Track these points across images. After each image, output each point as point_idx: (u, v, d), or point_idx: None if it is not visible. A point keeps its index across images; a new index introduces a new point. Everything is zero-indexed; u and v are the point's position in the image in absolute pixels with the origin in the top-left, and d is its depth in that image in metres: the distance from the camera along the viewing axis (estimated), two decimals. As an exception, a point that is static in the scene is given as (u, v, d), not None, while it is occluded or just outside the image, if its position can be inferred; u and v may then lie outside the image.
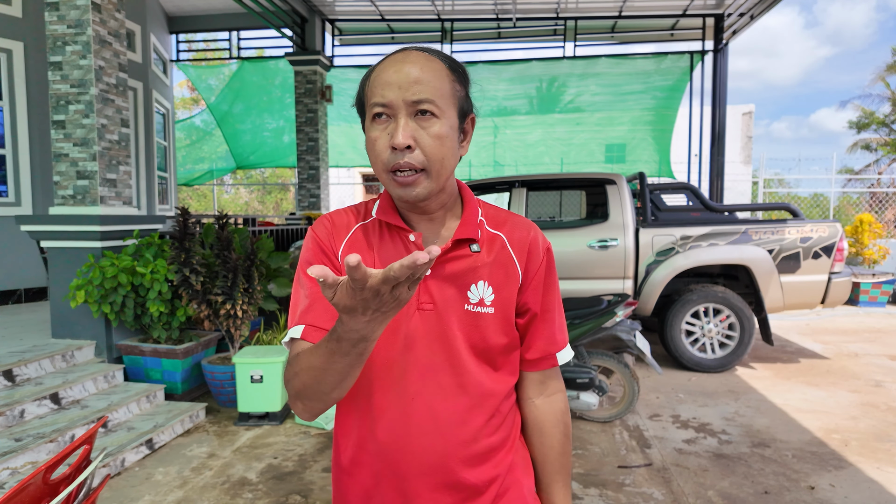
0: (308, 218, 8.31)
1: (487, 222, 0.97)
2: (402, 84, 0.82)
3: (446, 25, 9.10)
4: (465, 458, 0.89)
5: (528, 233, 0.97)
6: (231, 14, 9.19)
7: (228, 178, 20.02)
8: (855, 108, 19.15)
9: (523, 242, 0.96)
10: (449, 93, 0.86)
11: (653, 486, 2.81)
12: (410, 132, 0.83)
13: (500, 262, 0.93)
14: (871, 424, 3.60)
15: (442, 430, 0.88)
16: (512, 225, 0.97)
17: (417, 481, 0.88)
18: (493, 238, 0.95)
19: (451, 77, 0.87)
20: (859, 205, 13.20)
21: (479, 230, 0.94)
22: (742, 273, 4.90)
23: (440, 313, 0.89)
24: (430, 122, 0.83)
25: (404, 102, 0.82)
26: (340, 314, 0.66)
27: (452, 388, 0.89)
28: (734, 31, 8.50)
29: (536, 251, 0.96)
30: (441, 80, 0.85)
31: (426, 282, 0.91)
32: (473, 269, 0.91)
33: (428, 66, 0.84)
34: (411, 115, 0.83)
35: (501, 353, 0.93)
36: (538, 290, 0.96)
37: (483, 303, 0.91)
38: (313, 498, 2.71)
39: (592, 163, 9.88)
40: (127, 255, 3.91)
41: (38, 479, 1.21)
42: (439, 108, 0.84)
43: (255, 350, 3.79)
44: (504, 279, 0.93)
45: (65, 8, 3.88)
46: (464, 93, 0.89)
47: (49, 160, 5.67)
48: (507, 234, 0.96)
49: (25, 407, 3.08)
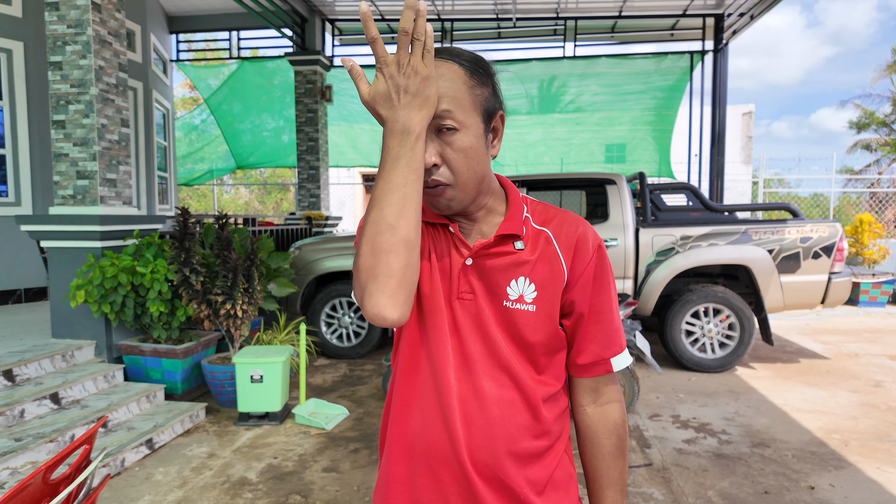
0: (308, 218, 8.31)
1: (534, 218, 0.94)
2: None
3: (446, 25, 9.10)
4: (506, 455, 0.86)
5: (577, 228, 0.92)
6: (231, 14, 9.19)
7: (228, 178, 20.01)
8: (855, 108, 19.15)
9: (570, 238, 0.92)
10: (469, 100, 0.83)
11: (653, 486, 2.81)
12: (435, 150, 0.82)
13: (545, 258, 0.91)
14: (871, 424, 3.60)
15: (485, 421, 0.86)
16: (560, 221, 0.94)
17: (457, 469, 0.87)
18: (539, 234, 0.92)
19: (469, 82, 0.83)
20: (859, 205, 13.20)
21: (525, 227, 0.92)
22: (742, 273, 4.91)
23: (479, 305, 0.89)
24: (453, 136, 0.82)
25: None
26: (379, 111, 0.77)
27: (492, 380, 0.88)
28: (734, 31, 8.50)
29: (585, 248, 0.91)
30: (459, 90, 0.82)
31: (466, 272, 0.90)
32: (515, 266, 0.90)
33: (444, 75, 0.81)
34: (434, 131, 0.82)
35: (544, 354, 0.90)
36: (586, 289, 0.91)
37: (523, 300, 0.89)
38: (313, 498, 2.71)
39: (592, 163, 9.88)
40: (127, 255, 3.91)
41: (38, 478, 1.21)
42: (460, 121, 0.81)
43: (255, 350, 3.79)
44: (549, 277, 0.90)
45: (65, 8, 3.88)
46: (487, 92, 0.86)
47: (49, 160, 5.68)
48: (554, 231, 0.92)
49: (25, 407, 3.08)
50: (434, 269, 0.94)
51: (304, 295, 5.34)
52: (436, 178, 0.83)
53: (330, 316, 5.29)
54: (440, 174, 0.83)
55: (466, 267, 0.90)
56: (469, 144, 0.83)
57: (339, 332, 5.30)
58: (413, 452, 0.90)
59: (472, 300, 0.90)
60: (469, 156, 0.83)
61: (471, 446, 0.86)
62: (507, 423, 0.87)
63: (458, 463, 0.86)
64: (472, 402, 0.87)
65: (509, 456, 0.86)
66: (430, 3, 8.49)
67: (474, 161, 0.84)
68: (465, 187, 0.85)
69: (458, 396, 0.87)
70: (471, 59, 0.86)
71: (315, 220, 8.39)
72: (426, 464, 0.89)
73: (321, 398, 4.08)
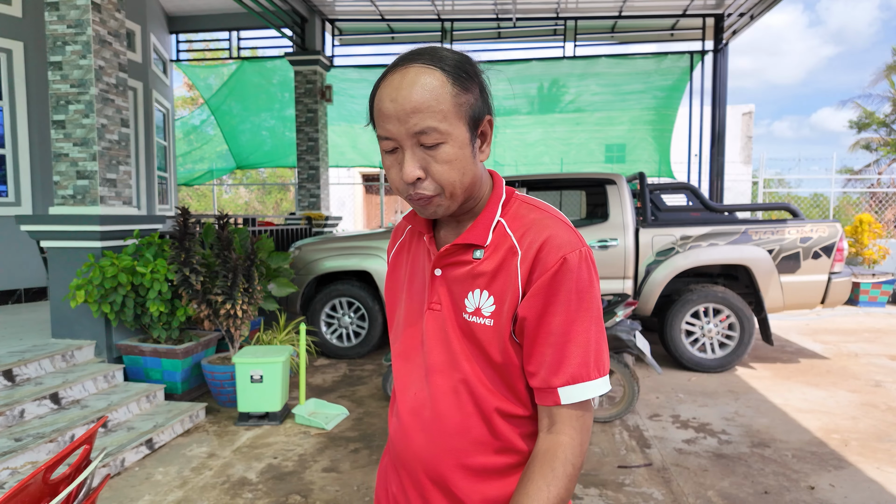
0: (308, 218, 8.31)
1: (510, 224, 0.87)
2: (400, 116, 0.77)
3: (446, 25, 9.09)
4: (456, 467, 0.87)
5: (542, 234, 0.83)
6: (231, 14, 9.19)
7: (228, 178, 20.01)
8: (856, 108, 19.14)
9: (531, 246, 0.83)
10: (453, 110, 0.78)
11: (653, 486, 2.81)
12: (418, 164, 0.79)
13: (505, 269, 0.84)
14: (871, 424, 3.60)
15: (437, 430, 0.88)
16: (531, 228, 0.85)
17: (413, 471, 0.92)
18: (504, 242, 0.86)
19: (453, 90, 0.78)
20: (859, 205, 13.20)
21: (492, 234, 0.87)
22: (742, 273, 4.91)
23: (444, 316, 0.89)
24: (437, 150, 0.79)
25: (406, 135, 0.78)
26: None
27: (451, 392, 0.87)
28: (734, 31, 8.50)
29: (544, 256, 0.81)
30: (441, 100, 0.77)
31: (436, 282, 0.90)
32: (472, 277, 0.86)
33: (426, 84, 0.77)
34: (416, 145, 0.79)
35: (510, 372, 0.86)
36: (536, 304, 0.81)
37: (480, 313, 0.85)
38: (313, 498, 2.71)
39: (592, 163, 9.87)
40: (127, 255, 3.91)
41: (38, 478, 1.21)
42: (443, 133, 0.78)
43: (255, 350, 3.79)
44: (506, 290, 0.84)
45: (65, 8, 3.88)
46: (473, 98, 0.81)
47: (49, 160, 5.67)
48: (520, 238, 0.85)
49: (25, 407, 3.08)
50: (415, 278, 0.96)
51: (304, 295, 5.34)
52: (419, 192, 0.81)
53: (330, 316, 5.28)
54: (424, 187, 0.81)
55: (436, 277, 0.90)
56: (454, 156, 0.79)
57: (339, 332, 5.30)
58: (391, 450, 0.97)
59: (440, 311, 0.89)
60: (454, 167, 0.80)
61: (425, 455, 0.89)
62: (462, 435, 0.87)
63: (415, 468, 0.91)
64: (429, 411, 0.89)
65: (461, 468, 0.87)
66: (430, 3, 8.49)
67: (460, 171, 0.81)
68: (452, 196, 0.83)
69: (419, 405, 0.91)
70: (455, 63, 0.80)
71: (315, 220, 8.39)
72: (396, 463, 0.96)
73: (321, 398, 4.08)
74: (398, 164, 0.81)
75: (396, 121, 0.78)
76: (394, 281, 1.04)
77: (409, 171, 0.79)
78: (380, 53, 9.84)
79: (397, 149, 0.81)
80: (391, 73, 0.80)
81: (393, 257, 1.06)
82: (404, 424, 0.92)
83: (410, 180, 0.79)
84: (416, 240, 1.00)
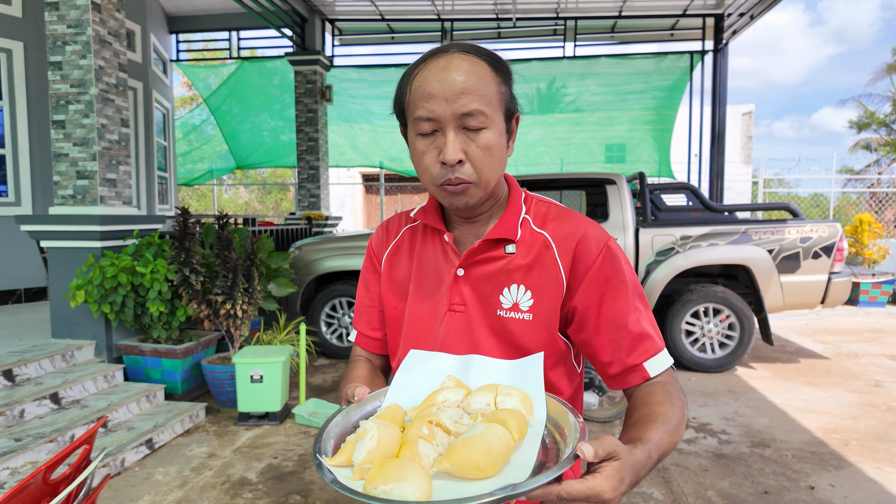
0: (308, 218, 8.31)
1: (534, 220, 0.89)
2: (447, 96, 0.77)
3: (446, 25, 9.09)
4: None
5: (578, 229, 0.85)
6: (231, 14, 9.19)
7: (228, 178, 20.02)
8: (856, 107, 19.14)
9: (569, 240, 0.84)
10: (496, 97, 0.80)
11: (653, 486, 2.81)
12: (460, 146, 0.79)
13: (542, 263, 0.85)
14: (871, 424, 3.60)
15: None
16: (559, 222, 0.87)
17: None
18: (536, 237, 0.87)
19: (496, 79, 0.81)
20: (859, 205, 13.20)
21: (521, 230, 0.87)
22: (742, 273, 4.90)
23: (470, 316, 0.87)
24: (479, 134, 0.79)
25: (452, 116, 0.77)
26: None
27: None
28: (734, 31, 8.50)
29: (586, 250, 0.83)
30: (488, 86, 0.79)
31: (458, 283, 0.88)
32: (507, 272, 0.86)
33: (473, 71, 0.78)
34: (459, 128, 0.79)
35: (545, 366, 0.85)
36: (592, 296, 0.83)
37: (518, 308, 0.85)
38: (313, 498, 2.71)
39: (592, 163, 9.88)
40: (127, 255, 3.91)
41: (38, 478, 1.21)
42: (488, 117, 0.79)
43: (255, 350, 3.79)
44: (546, 283, 0.84)
45: (65, 8, 3.88)
46: (509, 92, 0.84)
47: (49, 160, 5.67)
48: (552, 233, 0.86)
49: (25, 407, 3.07)
50: (423, 280, 0.92)
51: (304, 295, 5.34)
52: (460, 177, 0.80)
53: (330, 316, 5.28)
54: (464, 172, 0.80)
55: (458, 278, 0.88)
56: (494, 143, 0.80)
57: (339, 332, 5.30)
58: None
59: (464, 311, 0.87)
60: (493, 154, 0.81)
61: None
62: None
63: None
64: None
65: None
66: (430, 3, 8.49)
67: (496, 159, 0.82)
68: (486, 185, 0.82)
69: None
70: (495, 56, 0.83)
71: (315, 220, 8.39)
72: None
73: (321, 398, 4.08)
74: (434, 147, 0.80)
75: (444, 101, 0.77)
76: (391, 284, 0.98)
77: (452, 152, 0.78)
78: (380, 53, 9.84)
79: (436, 132, 0.80)
80: (434, 58, 0.80)
81: (388, 259, 1.00)
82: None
83: (453, 161, 0.78)
84: (420, 240, 0.96)
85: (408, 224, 1.00)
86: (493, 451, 0.58)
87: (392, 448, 0.64)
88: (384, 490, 0.55)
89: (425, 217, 0.94)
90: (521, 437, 0.63)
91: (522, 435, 0.63)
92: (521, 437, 0.63)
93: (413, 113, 0.81)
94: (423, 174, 0.83)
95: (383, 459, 0.60)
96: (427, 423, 0.66)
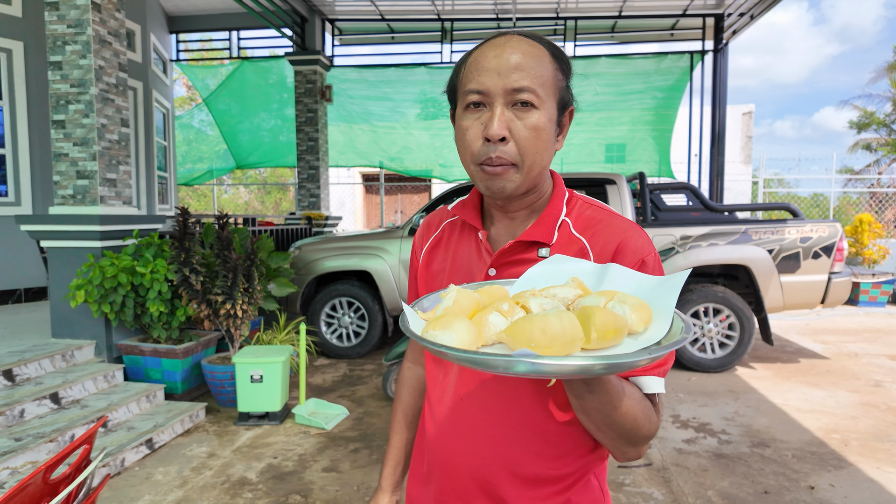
0: (308, 218, 8.31)
1: (574, 224, 0.84)
2: (501, 70, 0.76)
3: (446, 25, 9.10)
4: (508, 476, 0.83)
5: (618, 236, 0.80)
6: (231, 14, 9.19)
7: (228, 178, 20.01)
8: (856, 107, 19.14)
9: (607, 248, 0.80)
10: (551, 81, 0.78)
11: (652, 485, 2.81)
12: (506, 122, 0.76)
13: None
14: (871, 424, 3.60)
15: (484, 441, 0.84)
16: (601, 228, 0.82)
17: (456, 480, 0.87)
18: (573, 243, 0.82)
19: (553, 65, 0.79)
20: (859, 205, 13.19)
21: (558, 233, 0.83)
22: (742, 273, 4.90)
23: None
24: (528, 113, 0.76)
25: (503, 90, 0.76)
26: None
27: (501, 401, 0.83)
28: (734, 30, 8.50)
29: (625, 257, 0.78)
30: (543, 68, 0.77)
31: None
32: None
33: (530, 51, 0.77)
34: (508, 105, 0.77)
35: None
36: None
37: None
38: (313, 498, 2.71)
39: (592, 163, 9.87)
40: (127, 255, 3.91)
41: (38, 478, 1.21)
42: (539, 98, 0.76)
43: (255, 350, 3.79)
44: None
45: (65, 7, 3.88)
46: (565, 83, 0.82)
47: (49, 160, 5.67)
48: (591, 239, 0.82)
49: (25, 406, 3.07)
50: (456, 277, 0.91)
51: (304, 295, 5.34)
52: (501, 156, 0.77)
53: (330, 316, 5.28)
54: (506, 151, 0.77)
55: (490, 277, 0.85)
56: (542, 125, 0.77)
57: (338, 332, 5.30)
58: (428, 456, 0.93)
59: None
60: (540, 137, 0.77)
61: (473, 462, 0.85)
62: (509, 447, 0.83)
63: (460, 476, 0.87)
64: (478, 419, 0.85)
65: (513, 476, 0.83)
66: (430, 3, 8.49)
67: (543, 145, 0.78)
68: (529, 172, 0.79)
69: (465, 409, 0.86)
70: (556, 47, 0.82)
71: (315, 220, 8.39)
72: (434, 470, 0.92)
73: (321, 398, 4.08)
74: (480, 123, 0.78)
75: (496, 74, 0.76)
76: (427, 277, 0.97)
77: (498, 126, 0.76)
78: (380, 53, 9.83)
79: (482, 105, 0.78)
80: (492, 39, 0.80)
81: (426, 254, 0.99)
82: (444, 430, 0.88)
83: (497, 136, 0.76)
84: (457, 235, 0.94)
85: (448, 218, 0.98)
86: (549, 331, 0.55)
87: (466, 310, 0.66)
88: (432, 334, 0.59)
89: (463, 212, 0.92)
90: (604, 338, 0.58)
91: (606, 337, 0.58)
92: (606, 339, 0.59)
93: (464, 87, 0.80)
94: (465, 152, 0.81)
95: (449, 313, 0.64)
96: (512, 301, 0.65)
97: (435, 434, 0.90)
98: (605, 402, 0.67)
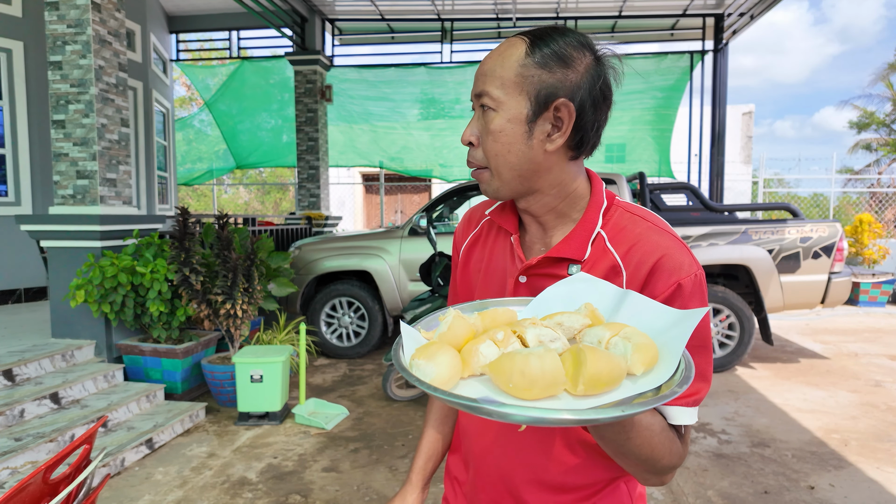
0: (308, 218, 8.31)
1: (609, 237, 0.78)
2: (476, 77, 0.79)
3: (446, 25, 9.09)
4: (531, 482, 0.85)
5: (654, 254, 0.74)
6: (231, 14, 9.19)
7: (228, 178, 20.01)
8: (857, 107, 19.13)
9: (642, 266, 0.74)
10: (513, 80, 0.74)
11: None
12: (476, 129, 0.80)
13: None
14: (871, 424, 3.60)
15: (510, 446, 0.86)
16: (637, 244, 0.76)
17: (485, 478, 0.90)
18: (605, 259, 0.77)
19: (525, 61, 0.74)
20: (859, 205, 13.20)
21: (590, 247, 0.78)
22: (742, 273, 4.90)
23: None
24: (487, 117, 0.77)
25: (473, 96, 0.80)
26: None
27: None
28: (734, 30, 8.50)
29: (655, 280, 0.73)
30: (506, 68, 0.75)
31: (519, 289, 0.84)
32: None
33: (502, 52, 0.76)
34: (479, 108, 0.79)
35: None
36: None
37: None
38: (313, 498, 2.71)
39: (592, 163, 9.84)
40: (127, 255, 3.91)
41: (38, 478, 1.21)
42: (494, 99, 0.75)
43: (255, 350, 3.79)
44: None
45: (65, 7, 3.88)
46: (548, 77, 0.74)
47: (49, 160, 5.67)
48: (625, 255, 0.76)
49: (25, 406, 3.07)
50: (490, 278, 0.90)
51: (304, 295, 5.34)
52: (471, 160, 0.81)
53: (330, 316, 5.29)
54: (473, 155, 0.81)
55: (520, 284, 0.83)
56: (499, 128, 0.76)
57: (338, 332, 5.30)
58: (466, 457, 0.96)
59: None
60: (498, 140, 0.76)
61: (502, 465, 0.87)
62: (536, 454, 0.84)
63: (487, 477, 0.90)
64: (503, 427, 0.86)
65: (536, 483, 0.84)
66: (430, 3, 8.49)
67: (503, 147, 0.76)
68: (500, 175, 0.79)
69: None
70: (551, 40, 0.75)
71: (315, 220, 8.39)
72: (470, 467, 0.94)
73: (321, 398, 4.08)
74: None
75: (474, 82, 0.80)
76: (466, 276, 0.97)
77: (464, 132, 0.81)
78: (380, 53, 9.83)
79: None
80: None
81: (466, 249, 0.97)
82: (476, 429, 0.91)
83: (464, 142, 0.81)
84: (494, 234, 0.93)
85: (488, 216, 0.97)
86: (528, 374, 0.53)
87: (459, 337, 0.64)
88: (416, 363, 0.58)
89: (499, 216, 0.91)
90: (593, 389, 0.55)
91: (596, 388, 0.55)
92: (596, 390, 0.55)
93: None
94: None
95: (440, 341, 0.63)
96: (509, 329, 0.63)
97: (467, 430, 0.94)
98: (616, 433, 0.64)
